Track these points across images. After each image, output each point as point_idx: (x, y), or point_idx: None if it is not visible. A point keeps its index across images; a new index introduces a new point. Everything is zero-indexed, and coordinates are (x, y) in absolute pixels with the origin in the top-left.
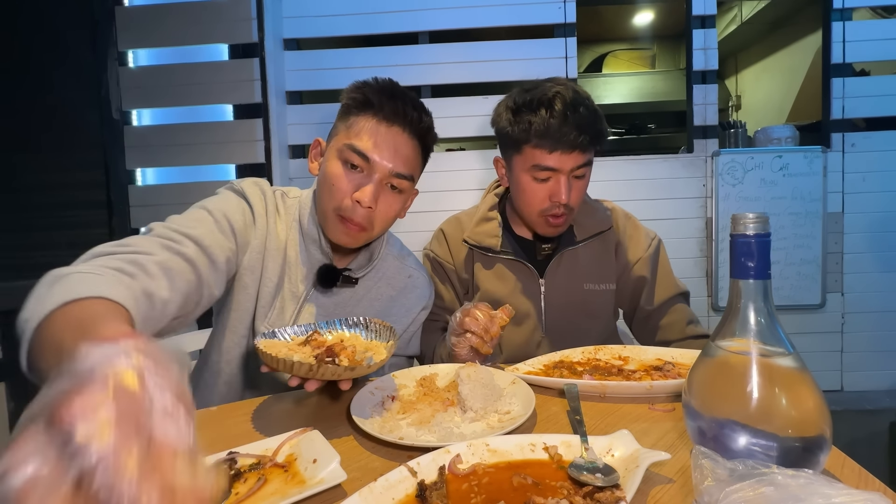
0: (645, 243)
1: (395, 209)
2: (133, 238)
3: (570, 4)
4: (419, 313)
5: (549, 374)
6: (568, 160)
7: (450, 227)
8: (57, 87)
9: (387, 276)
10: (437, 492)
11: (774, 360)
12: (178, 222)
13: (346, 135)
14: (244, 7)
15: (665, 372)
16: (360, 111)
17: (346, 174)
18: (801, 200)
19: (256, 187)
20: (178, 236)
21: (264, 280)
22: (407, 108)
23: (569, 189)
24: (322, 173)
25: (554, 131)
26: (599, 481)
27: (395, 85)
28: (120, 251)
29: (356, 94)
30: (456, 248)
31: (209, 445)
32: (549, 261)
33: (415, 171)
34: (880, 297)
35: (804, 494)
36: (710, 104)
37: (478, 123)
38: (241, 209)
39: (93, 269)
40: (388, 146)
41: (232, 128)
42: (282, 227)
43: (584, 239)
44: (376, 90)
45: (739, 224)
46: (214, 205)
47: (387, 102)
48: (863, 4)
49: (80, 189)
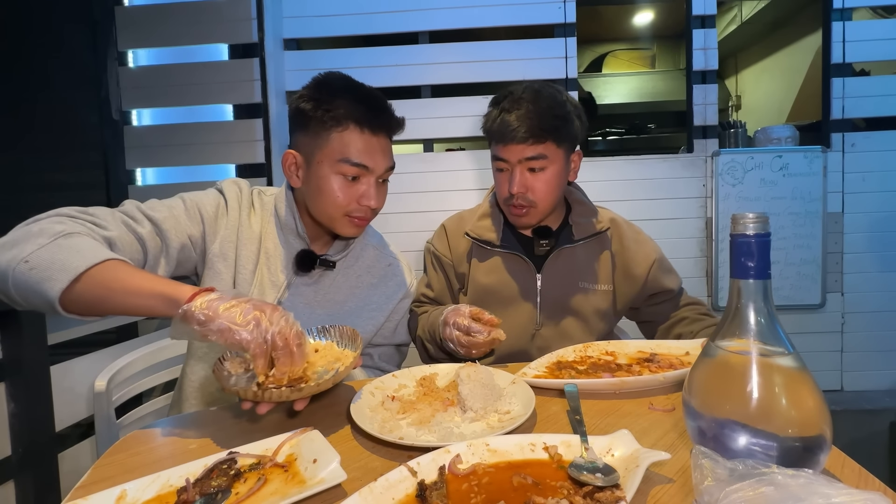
0: (652, 246)
1: (386, 195)
2: (98, 209)
3: (570, 4)
4: (400, 301)
5: (555, 376)
6: (514, 151)
7: (451, 222)
8: (57, 87)
9: (367, 265)
10: (437, 492)
11: (774, 359)
12: (149, 204)
13: (331, 151)
14: (244, 7)
15: (658, 363)
16: (339, 126)
17: (348, 184)
18: (801, 200)
19: (234, 185)
20: (140, 216)
21: (239, 268)
22: (380, 112)
23: (516, 179)
24: (318, 186)
25: (498, 125)
26: (599, 481)
27: (352, 84)
28: (81, 217)
29: (323, 110)
30: (455, 242)
31: (209, 445)
32: (547, 257)
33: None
34: (880, 297)
35: (804, 494)
36: (710, 104)
37: (478, 123)
38: (215, 202)
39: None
40: (379, 150)
41: (232, 128)
42: (256, 220)
43: (581, 238)
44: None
45: (739, 224)
46: (192, 196)
47: (364, 114)
48: (863, 4)
49: (80, 189)
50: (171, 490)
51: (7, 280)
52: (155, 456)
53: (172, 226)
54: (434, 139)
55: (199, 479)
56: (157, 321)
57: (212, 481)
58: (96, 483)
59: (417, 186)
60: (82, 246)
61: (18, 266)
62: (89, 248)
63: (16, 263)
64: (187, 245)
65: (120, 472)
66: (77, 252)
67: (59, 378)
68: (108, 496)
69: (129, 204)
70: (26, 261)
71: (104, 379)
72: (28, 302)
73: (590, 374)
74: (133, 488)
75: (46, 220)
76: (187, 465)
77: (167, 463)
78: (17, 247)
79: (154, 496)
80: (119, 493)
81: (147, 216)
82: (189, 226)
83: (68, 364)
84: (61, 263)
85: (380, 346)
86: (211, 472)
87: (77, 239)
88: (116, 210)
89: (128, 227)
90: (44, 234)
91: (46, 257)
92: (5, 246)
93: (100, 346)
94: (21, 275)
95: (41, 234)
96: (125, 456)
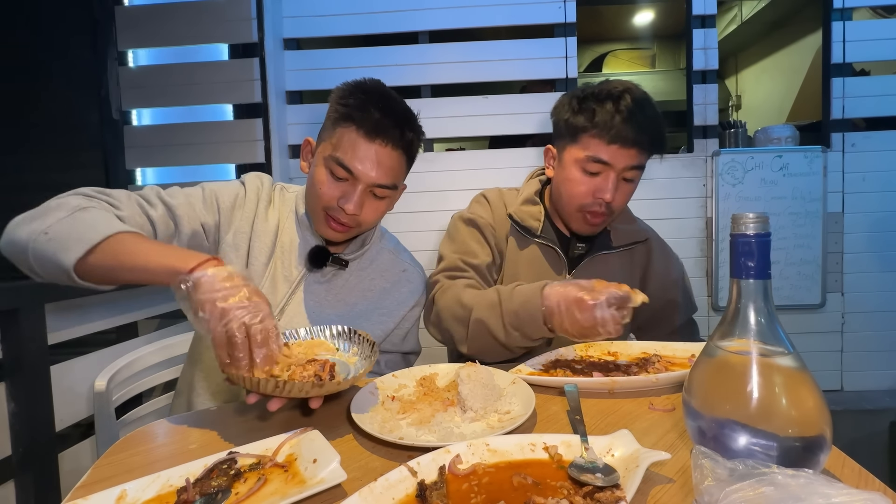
0: (677, 266)
1: (380, 211)
2: (116, 191)
3: (570, 4)
4: (411, 309)
5: (550, 375)
6: (623, 156)
7: (493, 194)
8: (57, 86)
9: (381, 269)
10: (437, 492)
11: (774, 359)
12: (169, 191)
13: (331, 145)
14: (244, 7)
15: (654, 365)
16: (345, 123)
17: (332, 181)
18: (801, 200)
19: (257, 179)
20: (155, 200)
21: (251, 259)
22: (389, 121)
23: (615, 188)
24: (310, 176)
25: (617, 123)
26: (599, 481)
27: (382, 93)
28: (98, 197)
29: (341, 105)
30: (499, 215)
31: (209, 445)
32: (580, 260)
33: (398, 178)
34: (880, 297)
35: (804, 494)
36: (710, 104)
37: (478, 123)
38: (234, 193)
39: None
40: (371, 160)
41: (232, 127)
42: (273, 214)
43: (619, 246)
44: (360, 103)
45: (739, 224)
46: (212, 185)
47: (370, 117)
48: (863, 4)
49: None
50: (171, 490)
51: (27, 251)
52: (155, 456)
53: (186, 212)
54: (434, 139)
55: (199, 479)
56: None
57: (212, 481)
58: (96, 483)
59: (417, 186)
60: (98, 219)
61: (39, 237)
62: (104, 221)
63: (36, 235)
64: (199, 232)
65: (120, 472)
66: (92, 225)
67: (59, 378)
68: (108, 496)
69: (149, 189)
70: (45, 232)
71: (104, 379)
72: (45, 271)
73: (586, 373)
74: (133, 488)
75: (67, 196)
76: (187, 465)
77: (167, 463)
78: (38, 220)
79: (154, 496)
80: (119, 493)
81: (163, 201)
82: (204, 214)
83: (68, 364)
84: (78, 235)
85: (387, 353)
86: (211, 472)
87: (93, 212)
88: (134, 193)
89: (141, 208)
90: (62, 208)
91: (64, 229)
92: (26, 220)
93: (100, 346)
94: (40, 245)
95: (60, 209)
96: (125, 456)
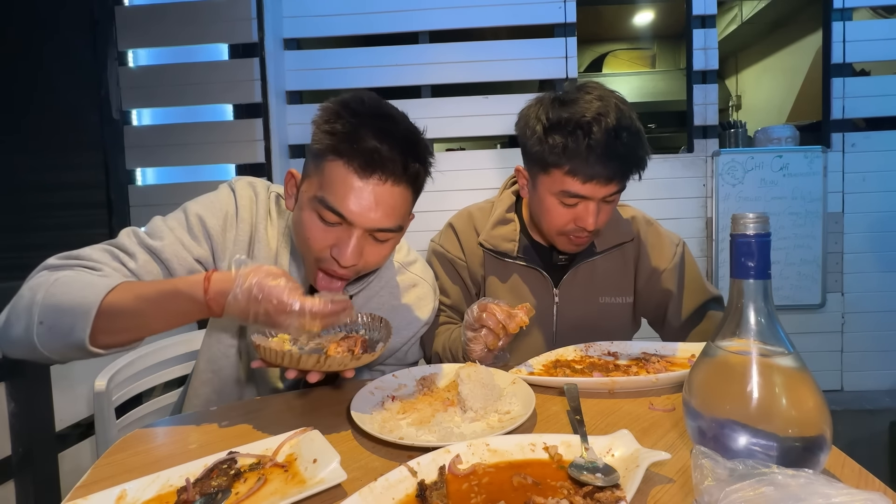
0: (669, 252)
1: (384, 253)
2: (85, 250)
3: (570, 4)
4: (420, 328)
5: (550, 374)
6: (602, 190)
7: (461, 222)
8: (57, 86)
9: (389, 285)
10: (437, 492)
11: (774, 359)
12: (149, 229)
13: (318, 182)
14: (244, 7)
15: (653, 364)
16: (332, 156)
17: (322, 227)
18: (801, 200)
19: (249, 189)
20: (134, 248)
21: None
22: (387, 150)
23: (597, 215)
24: (296, 218)
25: (592, 161)
26: (599, 481)
27: (377, 112)
28: (66, 263)
29: (327, 132)
30: (468, 244)
31: (209, 445)
32: (565, 269)
33: (403, 218)
34: (880, 297)
35: (804, 494)
36: (710, 104)
37: (478, 123)
38: (222, 212)
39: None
40: (367, 201)
41: (232, 127)
42: (273, 234)
43: (603, 250)
44: (350, 129)
45: (739, 224)
46: (196, 208)
47: (363, 147)
48: (863, 4)
49: (80, 189)
50: (171, 490)
51: (36, 349)
52: (155, 456)
53: (175, 252)
54: (434, 139)
55: (199, 479)
56: None
57: (212, 481)
58: (96, 483)
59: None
60: (83, 284)
61: (37, 331)
62: (90, 284)
63: (34, 330)
64: (197, 269)
65: (120, 472)
66: (79, 293)
67: (59, 378)
68: (108, 496)
69: (125, 235)
70: (41, 323)
71: (104, 379)
72: (66, 357)
73: (586, 373)
74: (133, 488)
75: (33, 280)
76: (187, 465)
77: (167, 463)
78: (23, 317)
79: (154, 496)
80: (119, 492)
81: (145, 245)
82: (194, 247)
83: (68, 364)
84: (71, 311)
85: (391, 366)
86: (211, 472)
87: (71, 281)
88: (107, 245)
89: (119, 261)
90: (39, 290)
91: (53, 313)
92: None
93: None
94: (45, 339)
95: (38, 291)
96: (125, 456)
